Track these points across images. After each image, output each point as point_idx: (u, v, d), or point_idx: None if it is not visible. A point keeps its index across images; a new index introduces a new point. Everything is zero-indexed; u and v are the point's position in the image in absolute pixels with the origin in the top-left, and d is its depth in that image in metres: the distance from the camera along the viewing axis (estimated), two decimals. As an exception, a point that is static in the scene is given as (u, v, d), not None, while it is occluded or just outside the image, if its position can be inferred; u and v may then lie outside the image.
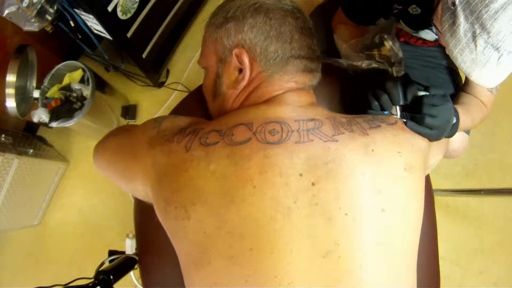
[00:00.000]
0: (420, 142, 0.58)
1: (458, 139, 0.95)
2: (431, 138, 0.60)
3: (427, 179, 0.75)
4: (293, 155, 0.49)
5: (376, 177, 0.50)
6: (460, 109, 0.72)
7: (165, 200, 0.52)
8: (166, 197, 0.52)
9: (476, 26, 0.49)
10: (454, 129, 0.67)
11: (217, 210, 0.48)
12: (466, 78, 0.82)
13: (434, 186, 0.77)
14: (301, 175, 0.48)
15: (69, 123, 1.41)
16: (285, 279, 0.46)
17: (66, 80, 1.51)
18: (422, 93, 0.63)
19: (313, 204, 0.47)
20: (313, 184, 0.48)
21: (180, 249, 0.54)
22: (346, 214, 0.47)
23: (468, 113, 0.75)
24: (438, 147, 0.65)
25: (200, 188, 0.49)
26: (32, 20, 1.12)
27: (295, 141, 0.50)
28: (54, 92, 1.47)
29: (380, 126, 0.55)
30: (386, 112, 0.63)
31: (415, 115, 0.59)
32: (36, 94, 1.42)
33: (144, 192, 0.58)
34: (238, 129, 0.52)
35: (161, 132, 0.58)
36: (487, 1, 0.45)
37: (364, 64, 0.70)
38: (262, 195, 0.47)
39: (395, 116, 0.61)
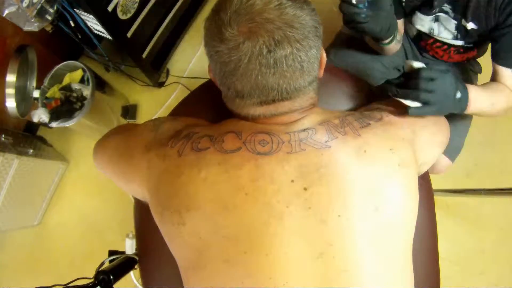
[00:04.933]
0: (407, 131, 0.57)
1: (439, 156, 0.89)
2: (433, 114, 0.58)
3: (427, 179, 0.75)
4: (284, 164, 0.49)
5: (369, 177, 0.50)
6: (473, 87, 0.66)
7: (162, 205, 0.52)
8: (163, 202, 0.52)
9: None
10: (461, 104, 0.63)
11: (211, 216, 0.48)
12: (493, 69, 0.77)
13: (434, 186, 0.77)
14: (292, 181, 0.49)
15: (69, 123, 1.41)
16: (280, 280, 0.46)
17: (66, 80, 1.50)
18: (419, 64, 0.58)
19: (306, 208, 0.48)
20: (305, 189, 0.48)
21: (177, 253, 0.55)
22: (339, 215, 0.48)
23: (484, 92, 0.69)
24: (427, 141, 0.61)
25: (192, 194, 0.49)
26: (32, 20, 1.12)
27: (287, 152, 0.50)
28: (54, 92, 1.47)
29: (369, 124, 0.55)
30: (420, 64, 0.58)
31: (410, 90, 0.57)
32: (36, 94, 1.42)
33: (142, 193, 0.58)
34: (228, 136, 0.52)
35: (158, 135, 0.58)
36: None
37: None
38: (255, 202, 0.48)
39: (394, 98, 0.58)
